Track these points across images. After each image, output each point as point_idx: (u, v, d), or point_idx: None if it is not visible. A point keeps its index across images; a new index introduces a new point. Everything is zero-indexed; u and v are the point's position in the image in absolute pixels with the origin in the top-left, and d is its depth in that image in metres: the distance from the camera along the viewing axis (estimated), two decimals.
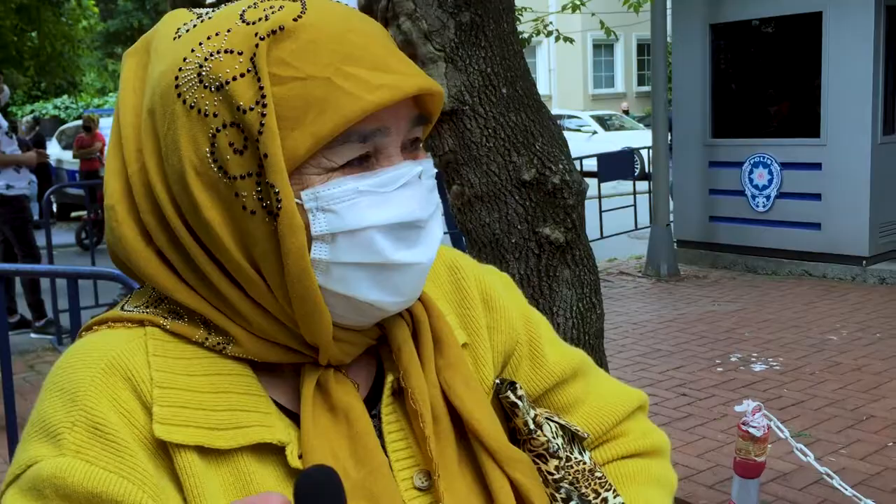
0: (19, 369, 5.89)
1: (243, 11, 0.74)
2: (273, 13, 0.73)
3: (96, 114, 16.28)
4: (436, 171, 0.83)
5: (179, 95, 0.73)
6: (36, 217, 10.54)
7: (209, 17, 0.76)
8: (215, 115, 0.72)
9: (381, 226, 0.74)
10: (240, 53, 0.72)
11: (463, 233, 2.74)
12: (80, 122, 17.74)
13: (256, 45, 0.72)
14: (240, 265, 0.75)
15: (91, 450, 0.68)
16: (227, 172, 0.72)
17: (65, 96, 24.49)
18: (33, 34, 13.93)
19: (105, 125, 14.90)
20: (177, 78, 0.74)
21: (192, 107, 0.73)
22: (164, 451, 0.71)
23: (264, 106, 0.71)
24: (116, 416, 0.70)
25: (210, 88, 0.72)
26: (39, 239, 7.05)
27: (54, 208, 14.66)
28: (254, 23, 0.73)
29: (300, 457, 0.75)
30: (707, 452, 4.07)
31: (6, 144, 6.54)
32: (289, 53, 0.72)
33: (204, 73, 0.72)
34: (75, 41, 15.26)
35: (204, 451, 0.72)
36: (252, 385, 0.77)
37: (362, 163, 0.75)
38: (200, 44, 0.74)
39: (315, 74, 0.72)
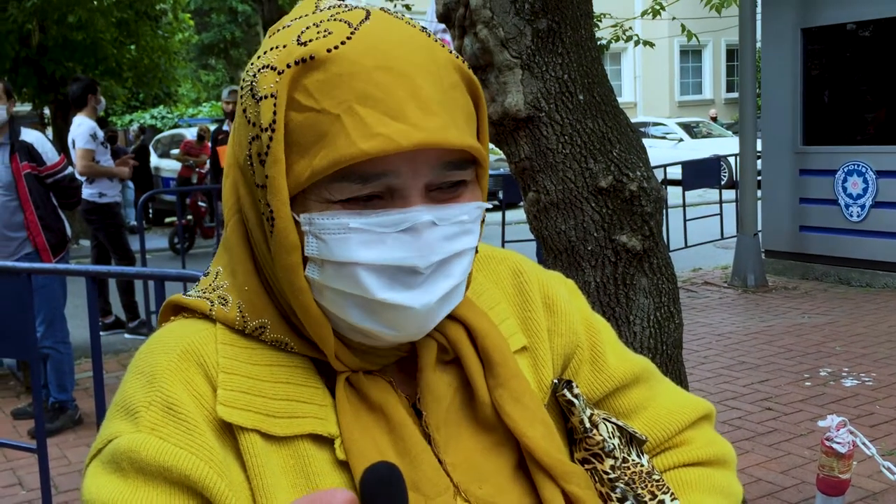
0: (113, 368, 6.14)
1: (304, 30, 0.76)
2: (318, 38, 0.75)
3: (184, 123, 16.85)
4: (484, 206, 0.81)
5: (241, 97, 0.79)
6: (134, 222, 10.99)
7: (298, 19, 0.79)
8: (253, 125, 0.77)
9: (368, 264, 0.74)
10: (279, 73, 0.75)
11: (538, 240, 2.74)
12: (175, 131, 18.44)
13: (282, 71, 0.75)
14: (264, 258, 0.80)
15: (165, 427, 0.74)
16: (255, 178, 0.78)
17: (161, 107, 25.42)
18: (132, 47, 14.46)
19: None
20: (243, 80, 0.80)
21: (244, 110, 0.78)
22: (230, 432, 0.76)
23: (273, 131, 0.74)
24: (189, 397, 0.75)
25: (255, 98, 0.76)
26: (134, 244, 7.33)
27: (151, 214, 15.25)
28: (302, 44, 0.75)
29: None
30: (792, 469, 3.94)
31: (100, 154, 6.82)
32: (314, 83, 0.74)
33: (255, 83, 0.77)
34: (171, 53, 15.80)
35: (266, 434, 0.76)
36: (310, 378, 0.80)
37: (371, 199, 0.75)
38: (265, 52, 0.78)
39: (329, 109, 0.73)
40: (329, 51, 0.73)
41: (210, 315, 0.81)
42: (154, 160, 16.64)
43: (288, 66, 0.74)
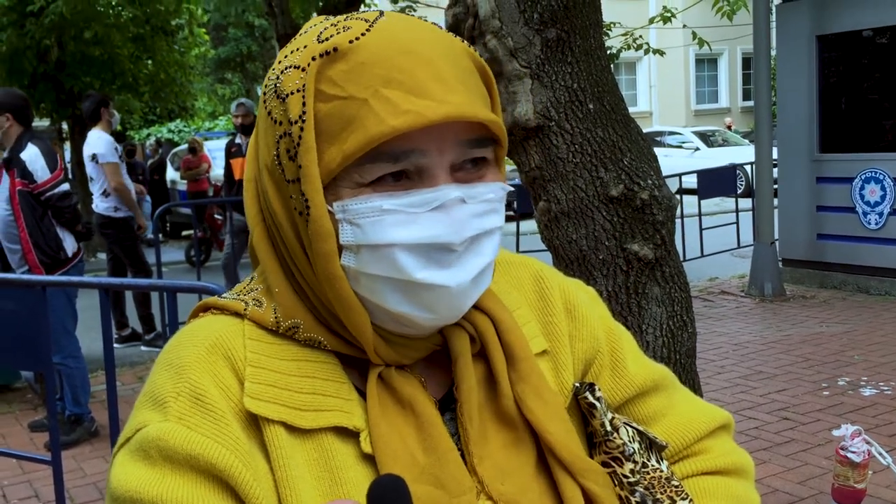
0: (129, 380, 6.17)
1: (322, 30, 0.79)
2: (338, 33, 0.78)
3: (201, 137, 16.95)
4: (507, 189, 0.84)
5: (265, 101, 0.82)
6: (150, 235, 11.04)
7: (313, 27, 0.82)
8: (280, 124, 0.79)
9: (404, 244, 0.76)
10: (302, 70, 0.78)
11: (549, 249, 2.72)
12: None
13: (308, 65, 0.78)
14: (296, 256, 0.81)
15: (192, 417, 0.75)
16: (285, 175, 0.80)
17: (178, 120, 25.59)
18: (148, 62, 14.60)
19: (213, 147, 15.52)
20: (265, 84, 0.82)
21: (269, 113, 0.81)
22: (256, 424, 0.78)
23: (304, 121, 0.77)
24: (216, 389, 0.77)
25: (280, 98, 0.79)
26: (151, 257, 7.37)
27: (168, 227, 15.33)
28: (322, 41, 0.78)
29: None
30: (809, 479, 3.89)
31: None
32: (338, 73, 0.77)
33: (278, 84, 0.80)
34: (187, 68, 15.93)
35: (290, 427, 0.78)
36: (336, 373, 0.82)
37: (399, 180, 0.77)
38: (286, 56, 0.81)
39: (355, 95, 0.76)
40: (351, 42, 0.76)
41: (245, 314, 0.83)
42: (170, 174, 16.74)
43: (313, 58, 0.77)
